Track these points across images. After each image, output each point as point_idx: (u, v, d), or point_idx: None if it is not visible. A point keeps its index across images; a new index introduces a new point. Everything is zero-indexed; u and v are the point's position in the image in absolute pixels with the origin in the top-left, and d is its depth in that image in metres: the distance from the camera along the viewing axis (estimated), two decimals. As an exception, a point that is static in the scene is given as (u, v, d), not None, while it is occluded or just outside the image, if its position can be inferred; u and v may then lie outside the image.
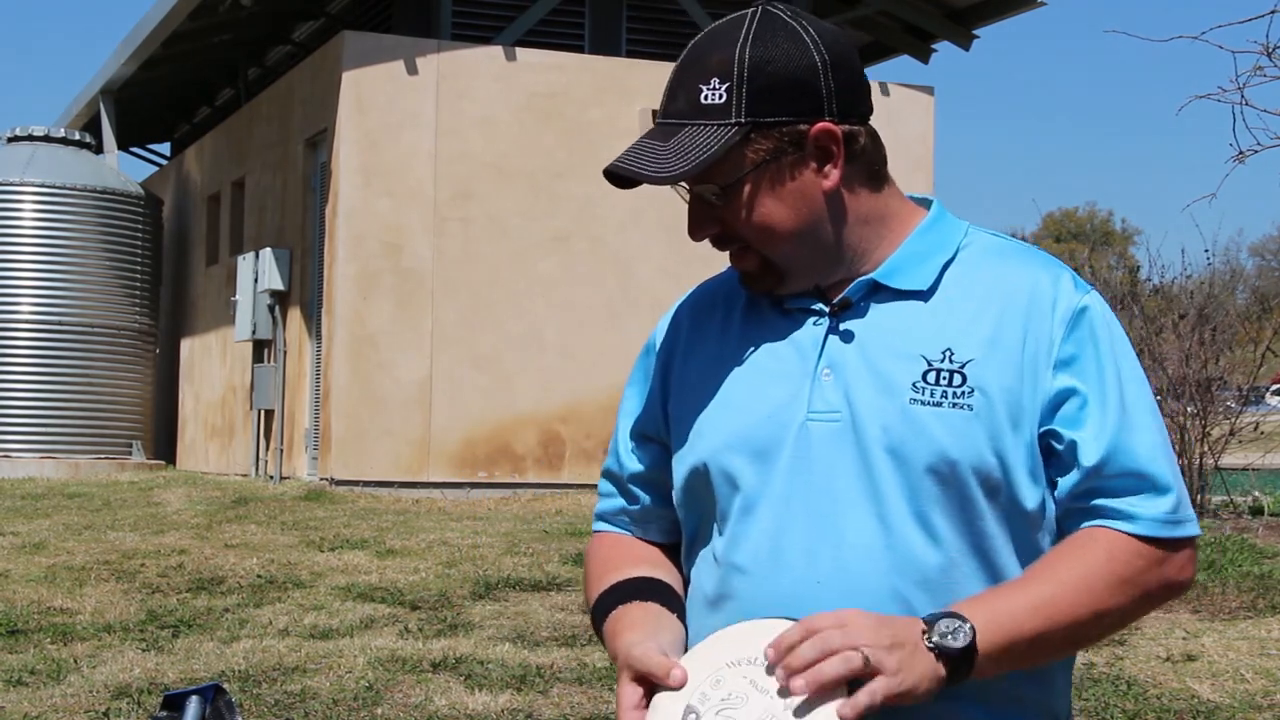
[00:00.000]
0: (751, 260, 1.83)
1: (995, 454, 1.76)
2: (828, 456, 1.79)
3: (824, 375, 1.81)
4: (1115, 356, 1.81)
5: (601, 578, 1.94)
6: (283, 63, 17.34)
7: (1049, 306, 1.80)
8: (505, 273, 12.91)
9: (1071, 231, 63.35)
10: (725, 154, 1.77)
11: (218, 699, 1.79)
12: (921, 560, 1.76)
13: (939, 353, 1.79)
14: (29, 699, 5.33)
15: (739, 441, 1.83)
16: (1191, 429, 10.36)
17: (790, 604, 1.76)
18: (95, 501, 11.48)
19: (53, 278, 16.19)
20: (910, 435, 1.76)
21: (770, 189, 1.80)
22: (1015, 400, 1.77)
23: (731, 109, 1.77)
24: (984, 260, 1.86)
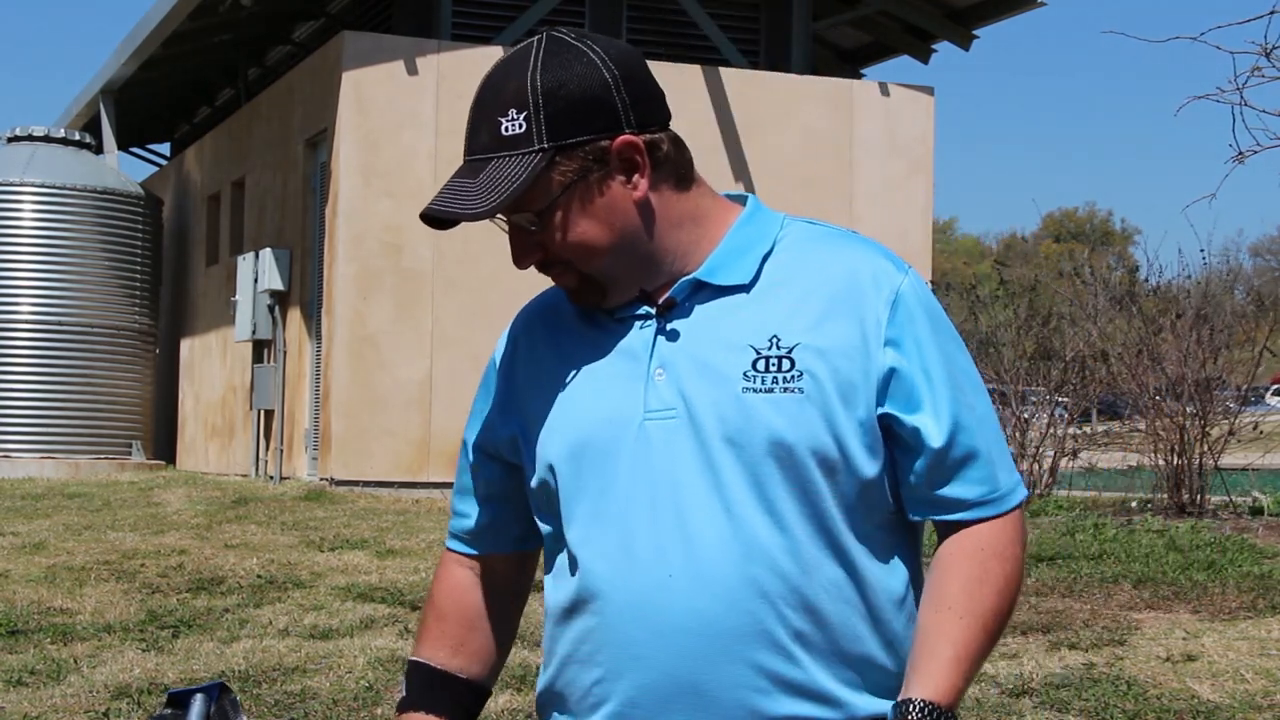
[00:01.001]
0: (571, 278, 1.89)
1: (831, 434, 1.81)
2: (668, 453, 1.83)
3: (657, 375, 1.85)
4: (938, 334, 1.86)
5: (422, 636, 2.07)
6: (283, 63, 17.34)
7: (871, 286, 1.85)
8: (505, 273, 12.81)
9: (1071, 231, 63.35)
10: (533, 181, 1.81)
11: (222, 697, 1.80)
12: (770, 545, 1.80)
13: (766, 340, 1.83)
14: (29, 699, 5.33)
15: (579, 447, 1.87)
16: (1191, 429, 10.36)
17: (645, 601, 1.81)
18: (95, 501, 11.48)
19: (53, 278, 16.19)
20: (745, 423, 1.80)
21: (582, 208, 1.85)
22: (846, 379, 1.82)
23: (533, 136, 1.81)
24: (803, 248, 1.90)
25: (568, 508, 1.89)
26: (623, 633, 1.83)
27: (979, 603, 1.82)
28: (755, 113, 13.74)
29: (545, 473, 1.90)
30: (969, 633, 1.81)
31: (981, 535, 1.85)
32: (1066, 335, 12.31)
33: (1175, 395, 10.65)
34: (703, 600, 1.79)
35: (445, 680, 2.03)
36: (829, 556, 1.82)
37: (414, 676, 2.04)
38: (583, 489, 1.87)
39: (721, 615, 1.79)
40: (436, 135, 12.87)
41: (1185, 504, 10.23)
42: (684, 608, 1.80)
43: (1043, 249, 55.61)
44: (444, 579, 2.09)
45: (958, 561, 1.84)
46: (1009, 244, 64.13)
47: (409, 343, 12.70)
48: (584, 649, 1.88)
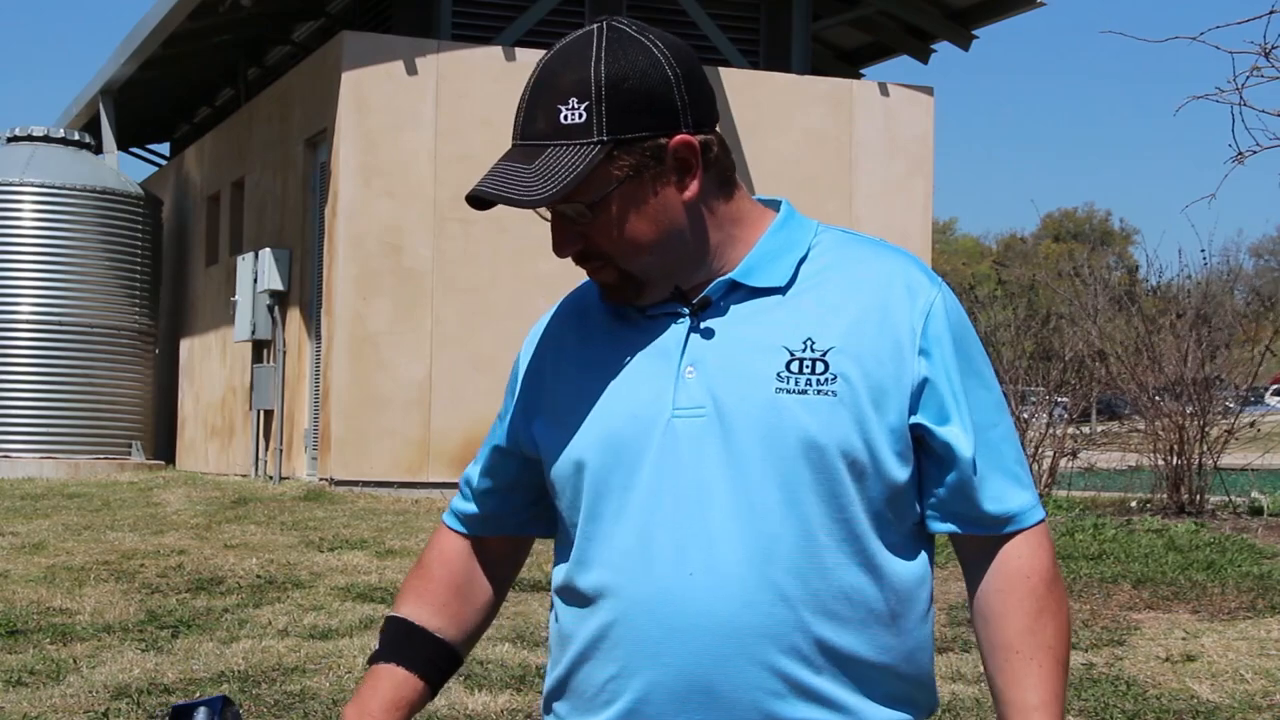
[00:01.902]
0: (610, 273, 1.87)
1: (862, 438, 1.81)
2: (695, 451, 1.82)
3: (687, 373, 1.84)
4: (970, 350, 1.88)
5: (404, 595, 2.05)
6: (283, 63, 17.34)
7: (906, 295, 1.85)
8: (505, 273, 12.91)
9: (1070, 231, 63.34)
10: (590, 173, 1.80)
11: (225, 710, 1.80)
12: (794, 549, 1.80)
13: (800, 342, 1.83)
14: (28, 699, 5.33)
15: (606, 443, 1.86)
16: (1190, 429, 10.36)
17: (664, 599, 1.80)
18: (95, 502, 11.48)
19: (53, 278, 16.19)
20: (777, 423, 1.80)
21: (634, 204, 1.83)
22: (878, 385, 1.82)
23: (593, 128, 1.79)
24: (838, 253, 1.90)
25: (592, 503, 1.88)
26: (640, 630, 1.82)
27: (1045, 637, 1.86)
28: (755, 113, 13.74)
29: (571, 468, 1.90)
30: (1045, 671, 1.85)
31: (1021, 559, 1.86)
32: (1066, 335, 12.32)
33: (1175, 395, 10.66)
34: (722, 600, 1.78)
35: (422, 636, 2.01)
36: (854, 563, 1.82)
37: (389, 629, 2.03)
38: (608, 485, 1.86)
39: (740, 616, 1.78)
40: (436, 135, 12.87)
41: (1185, 504, 10.24)
42: (702, 607, 1.79)
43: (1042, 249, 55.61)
44: (437, 545, 2.09)
45: (1009, 597, 1.86)
46: (1008, 244, 64.11)
47: (409, 343, 12.70)
48: (600, 645, 1.86)
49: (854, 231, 1.96)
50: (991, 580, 1.87)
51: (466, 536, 2.08)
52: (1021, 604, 1.85)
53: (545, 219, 1.88)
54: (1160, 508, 10.32)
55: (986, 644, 1.87)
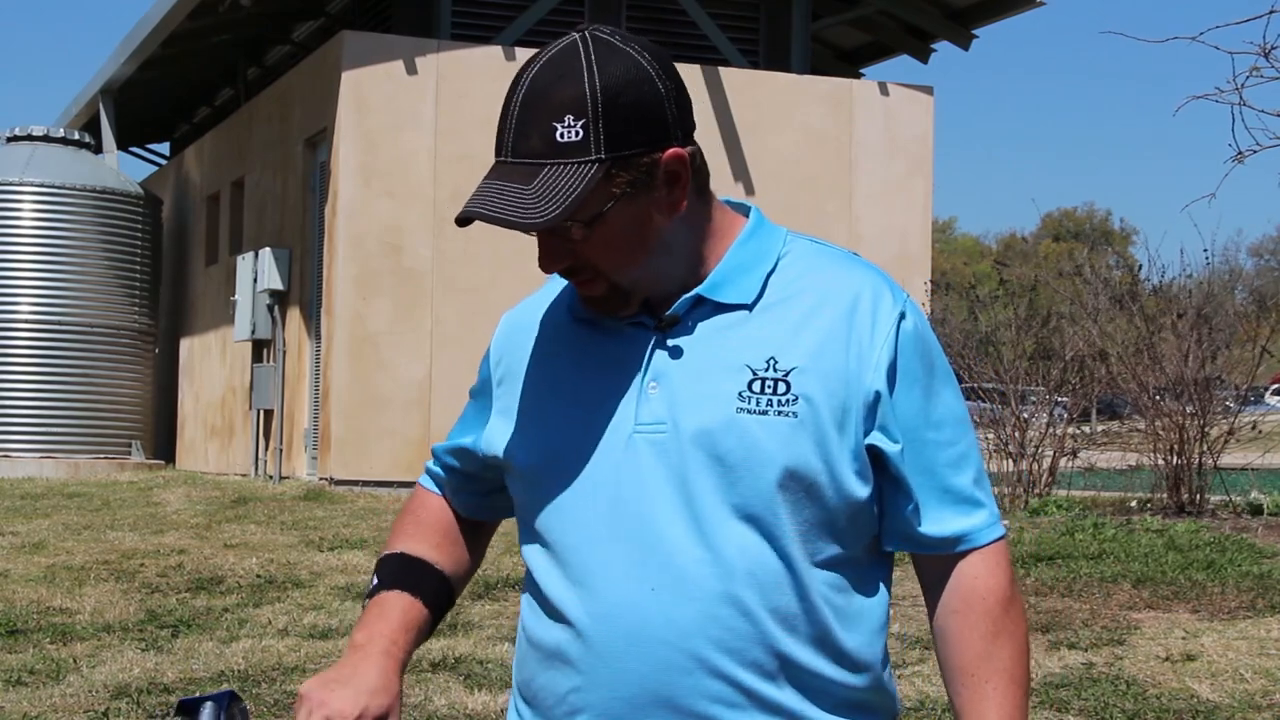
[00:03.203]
0: (600, 286, 1.84)
1: (821, 459, 1.81)
2: (654, 467, 1.82)
3: (650, 389, 1.84)
4: (932, 369, 1.87)
5: (396, 538, 2.04)
6: (282, 63, 17.34)
7: (870, 313, 1.84)
8: (505, 273, 12.91)
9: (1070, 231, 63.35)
10: (590, 193, 1.77)
11: (232, 705, 1.79)
12: (752, 564, 1.80)
13: (763, 362, 1.82)
14: (29, 699, 5.33)
15: (567, 453, 1.86)
16: (1190, 429, 10.36)
17: (626, 612, 1.81)
18: (95, 501, 11.48)
19: (53, 278, 16.19)
20: (736, 443, 1.80)
21: (629, 220, 1.82)
22: (840, 405, 1.82)
23: (590, 146, 1.76)
24: (805, 268, 1.89)
25: (551, 512, 1.88)
26: (601, 643, 1.83)
27: (1002, 660, 1.86)
28: (755, 113, 13.74)
29: (531, 475, 1.90)
30: (1001, 695, 1.85)
31: (976, 579, 1.87)
32: (1066, 335, 12.31)
33: (1175, 395, 10.65)
34: (682, 613, 1.80)
35: (423, 566, 2.00)
36: (812, 578, 1.83)
37: (387, 565, 2.00)
38: (567, 495, 1.87)
39: (702, 629, 1.80)
40: (436, 135, 12.87)
41: (1185, 504, 10.23)
42: (663, 619, 1.80)
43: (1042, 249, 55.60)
44: (421, 497, 2.10)
45: (965, 618, 1.87)
46: (1008, 244, 64.11)
47: (409, 343, 12.70)
48: (560, 655, 1.87)
49: (823, 242, 1.96)
50: (947, 601, 1.88)
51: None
52: (977, 626, 1.86)
53: (530, 234, 1.86)
54: (1160, 507, 10.32)
55: (945, 666, 1.89)
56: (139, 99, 18.86)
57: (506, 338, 2.02)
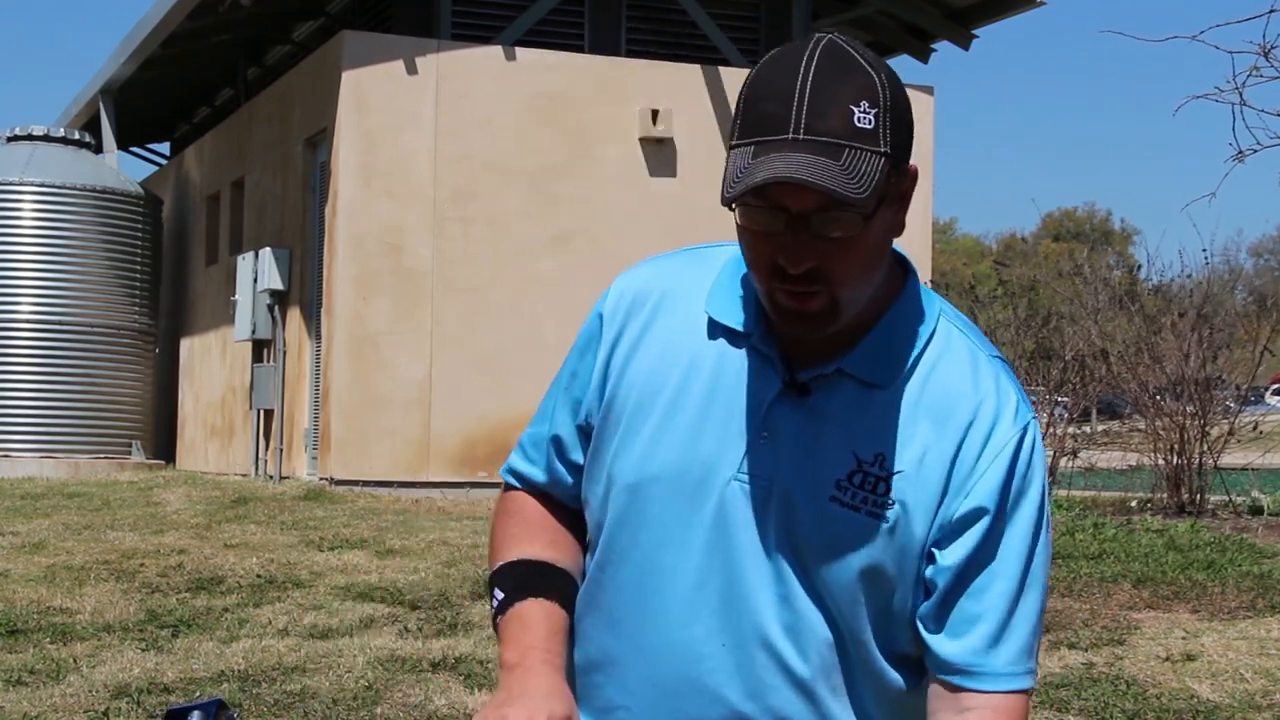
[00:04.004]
0: (822, 301, 1.72)
1: (897, 566, 1.78)
2: (745, 521, 1.78)
3: (762, 439, 1.79)
4: (1021, 504, 1.79)
5: (505, 545, 1.92)
6: (282, 63, 17.34)
7: (984, 434, 1.78)
8: (505, 273, 12.91)
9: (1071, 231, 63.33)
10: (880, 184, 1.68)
11: (220, 714, 1.79)
12: (820, 645, 1.78)
13: (871, 456, 1.77)
14: (29, 699, 5.33)
15: (668, 477, 1.81)
16: (1191, 429, 10.36)
17: (692, 660, 1.79)
18: (95, 501, 11.47)
19: (53, 278, 16.19)
20: (818, 531, 1.77)
21: (884, 227, 1.74)
22: (927, 520, 1.78)
23: (880, 137, 1.66)
24: (945, 362, 1.82)
25: (630, 530, 1.84)
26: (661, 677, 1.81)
27: None
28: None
29: (628, 484, 1.84)
30: None
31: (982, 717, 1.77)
32: (1066, 334, 12.31)
33: (1175, 395, 10.65)
34: (748, 678, 1.78)
35: (545, 568, 1.89)
36: (875, 673, 1.81)
37: (507, 576, 1.88)
38: (650, 520, 1.82)
39: (762, 695, 1.78)
40: (436, 135, 12.87)
41: (1185, 503, 10.23)
42: (727, 677, 1.79)
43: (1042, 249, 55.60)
44: (515, 500, 1.99)
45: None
46: (1009, 244, 64.11)
47: (409, 343, 12.70)
48: (613, 668, 1.86)
49: (966, 323, 1.87)
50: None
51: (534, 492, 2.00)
52: None
53: (750, 225, 1.70)
54: (1160, 507, 10.32)
55: None
56: (139, 99, 18.86)
57: (627, 308, 1.90)
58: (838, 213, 1.66)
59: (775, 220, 1.67)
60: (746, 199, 1.66)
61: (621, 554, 1.85)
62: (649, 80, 13.33)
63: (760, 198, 1.66)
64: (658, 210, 13.18)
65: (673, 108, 13.19)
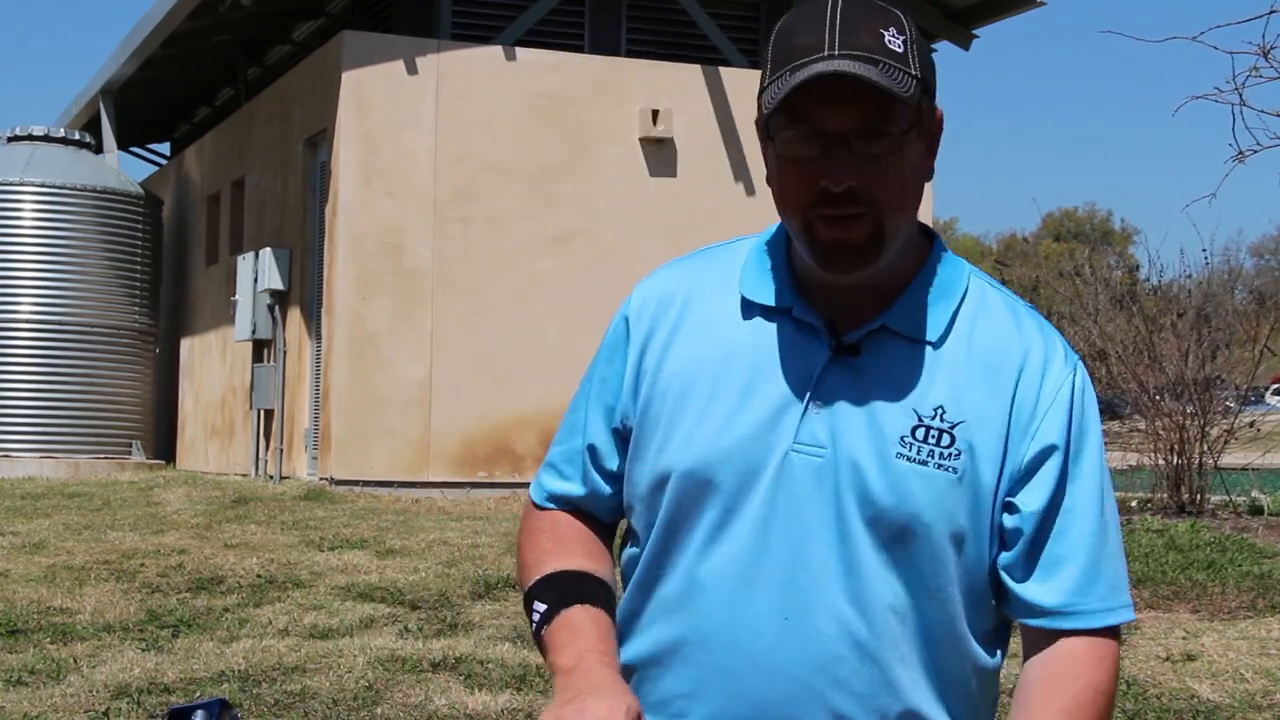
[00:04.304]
0: (864, 228, 1.72)
1: (970, 518, 1.76)
2: (806, 491, 1.76)
3: (815, 407, 1.77)
4: (1088, 441, 1.81)
5: (540, 560, 1.90)
6: (283, 63, 17.34)
7: (1039, 375, 1.79)
8: (505, 273, 12.91)
9: (1071, 231, 63.33)
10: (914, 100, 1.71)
11: (223, 714, 1.79)
12: (888, 610, 1.75)
13: (931, 409, 1.77)
14: (29, 699, 5.33)
15: (722, 458, 1.79)
16: (1190, 428, 10.35)
17: (755, 635, 1.76)
18: (95, 501, 11.48)
19: (53, 278, 16.19)
20: (888, 490, 1.75)
21: (916, 156, 1.76)
22: (997, 468, 1.77)
23: (910, 61, 1.71)
24: (985, 316, 1.83)
25: (688, 518, 1.81)
26: (721, 658, 1.77)
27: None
28: (755, 113, 13.72)
29: (678, 471, 1.81)
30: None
31: (1076, 660, 1.78)
32: (1066, 334, 12.29)
33: (1175, 395, 10.65)
34: (813, 648, 1.74)
35: (586, 577, 1.86)
36: (943, 636, 1.78)
37: (548, 589, 1.85)
38: (708, 503, 1.79)
39: (828, 667, 1.74)
40: (436, 135, 12.87)
41: (1185, 503, 10.23)
42: (793, 653, 1.75)
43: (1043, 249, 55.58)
44: (547, 516, 1.95)
45: (1047, 690, 1.77)
46: (1009, 244, 64.12)
47: (409, 343, 12.70)
48: (673, 658, 1.82)
49: (996, 283, 1.89)
50: (1034, 667, 1.79)
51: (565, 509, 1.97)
52: (1055, 699, 1.76)
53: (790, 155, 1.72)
54: (1160, 507, 10.31)
55: None
56: (139, 99, 18.86)
57: (653, 308, 1.89)
58: (877, 128, 1.69)
59: (813, 145, 1.70)
60: (786, 120, 1.71)
61: (680, 542, 1.82)
62: (649, 80, 13.33)
63: (799, 120, 1.70)
64: (658, 210, 13.18)
65: (673, 108, 13.19)
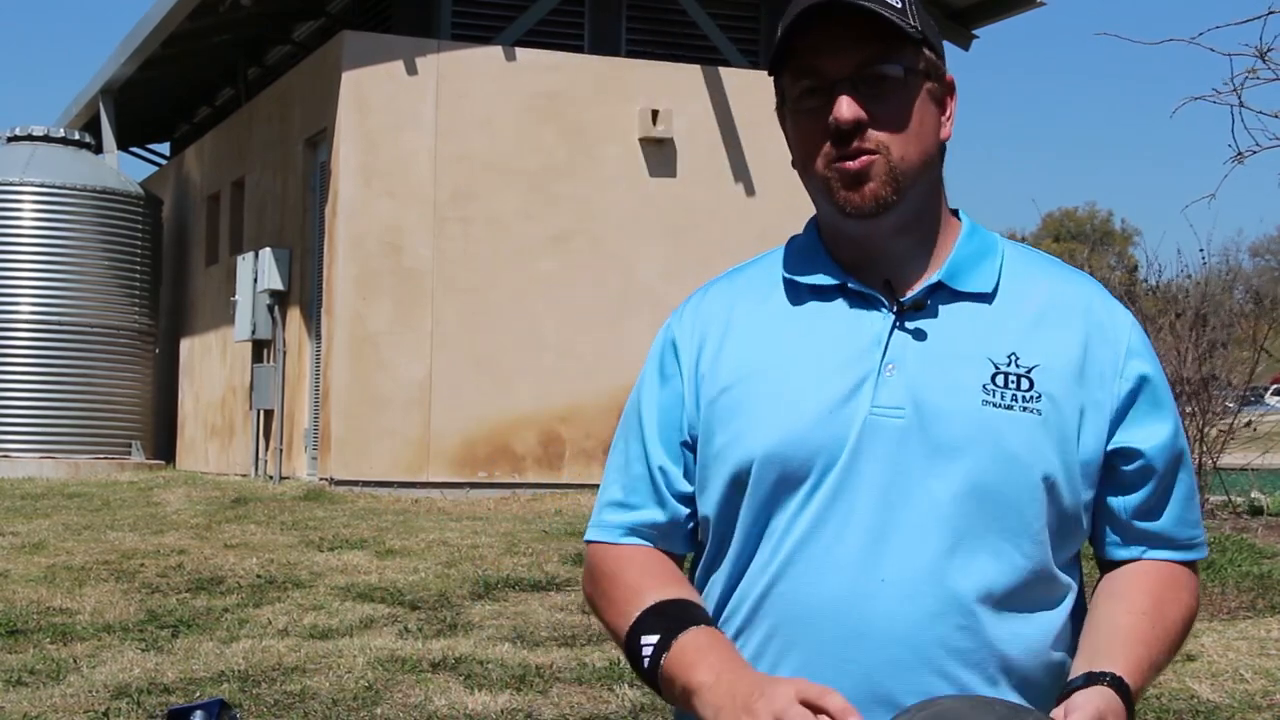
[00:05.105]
0: (880, 165, 1.75)
1: (1061, 460, 1.77)
2: (893, 453, 1.75)
3: (888, 370, 1.77)
4: (1162, 381, 1.86)
5: (631, 598, 1.83)
6: (283, 63, 17.34)
7: (1108, 320, 1.83)
8: (505, 273, 12.91)
9: (1071, 231, 63.32)
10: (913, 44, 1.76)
11: (222, 714, 1.79)
12: (985, 563, 1.74)
13: (1005, 356, 1.78)
14: (29, 699, 5.33)
15: (799, 437, 1.77)
16: (1189, 429, 10.36)
17: (852, 601, 1.73)
18: (95, 501, 11.48)
19: (52, 278, 16.20)
20: (982, 437, 1.74)
21: (925, 103, 1.79)
22: (1079, 408, 1.78)
23: (909, 14, 1.75)
24: (1030, 268, 1.87)
25: (774, 505, 1.79)
26: (822, 632, 1.75)
27: (1168, 620, 1.81)
28: (755, 112, 13.72)
29: (755, 461, 1.78)
30: (1158, 643, 1.78)
31: (1177, 570, 1.85)
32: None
33: (1174, 395, 10.66)
34: (913, 610, 1.72)
35: (690, 605, 1.80)
36: (1038, 584, 1.78)
37: (656, 619, 1.77)
38: (794, 486, 1.77)
39: (930, 628, 1.72)
40: (436, 135, 12.87)
41: (1185, 504, 10.23)
42: (892, 614, 1.72)
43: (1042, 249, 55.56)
44: (611, 556, 1.88)
45: (1150, 578, 1.83)
46: (1009, 244, 64.03)
47: (409, 343, 12.70)
48: (771, 645, 1.78)
49: (1027, 245, 1.93)
50: (1137, 565, 1.84)
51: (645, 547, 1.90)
52: (1157, 586, 1.82)
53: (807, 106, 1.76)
54: (1160, 507, 10.31)
55: (1110, 602, 1.82)
56: (139, 99, 18.86)
57: (700, 323, 1.89)
58: (879, 67, 1.74)
59: (821, 95, 1.75)
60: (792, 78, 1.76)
61: (767, 530, 1.80)
62: (649, 80, 13.33)
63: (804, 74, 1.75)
64: (658, 210, 13.18)
65: (673, 108, 13.19)
